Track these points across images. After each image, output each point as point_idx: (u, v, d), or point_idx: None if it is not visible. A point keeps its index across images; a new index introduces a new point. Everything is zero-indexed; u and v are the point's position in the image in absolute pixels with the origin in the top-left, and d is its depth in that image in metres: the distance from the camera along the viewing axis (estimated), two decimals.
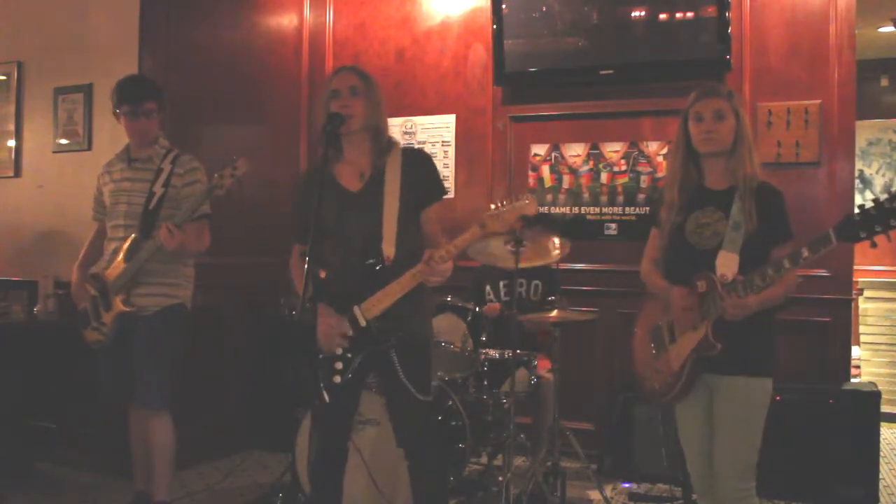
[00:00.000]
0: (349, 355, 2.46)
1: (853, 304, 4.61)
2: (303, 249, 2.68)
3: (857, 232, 2.03)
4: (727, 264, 2.34)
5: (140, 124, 3.26)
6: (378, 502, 3.14)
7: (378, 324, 2.44)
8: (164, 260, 3.20)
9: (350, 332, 2.45)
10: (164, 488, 3.27)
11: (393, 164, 2.56)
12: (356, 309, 2.45)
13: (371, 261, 2.46)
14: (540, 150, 4.83)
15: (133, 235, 3.18)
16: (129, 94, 3.25)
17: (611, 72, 4.53)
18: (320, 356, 2.47)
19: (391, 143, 2.62)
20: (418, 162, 2.63)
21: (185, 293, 3.33)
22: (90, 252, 3.41)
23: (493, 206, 2.35)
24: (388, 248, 2.47)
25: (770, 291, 2.28)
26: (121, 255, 3.18)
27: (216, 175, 3.03)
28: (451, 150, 5.01)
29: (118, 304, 3.16)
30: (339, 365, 2.47)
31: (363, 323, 2.45)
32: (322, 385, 2.43)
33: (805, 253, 2.16)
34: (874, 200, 2.01)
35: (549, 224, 4.56)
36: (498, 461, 3.70)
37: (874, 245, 2.06)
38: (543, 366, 3.82)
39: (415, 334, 2.55)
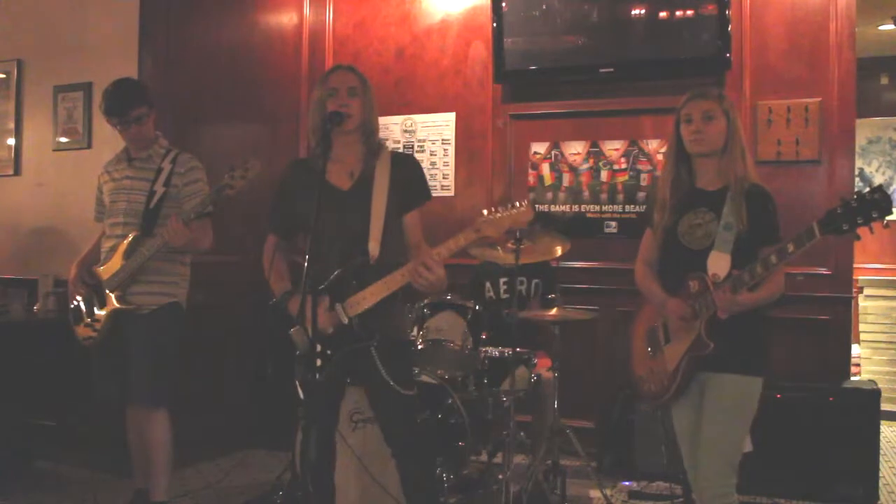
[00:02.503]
0: (328, 352, 2.45)
1: (853, 303, 4.60)
2: (277, 239, 2.70)
3: (839, 224, 2.06)
4: (719, 264, 2.37)
5: (132, 132, 3.25)
6: (380, 500, 3.14)
7: (360, 322, 2.44)
8: (161, 258, 3.20)
9: (328, 332, 2.44)
10: (163, 487, 3.27)
11: (382, 165, 2.59)
12: (338, 306, 2.45)
13: (356, 259, 2.46)
14: (540, 148, 4.83)
15: (133, 234, 3.18)
16: (115, 107, 3.23)
17: (611, 70, 4.53)
18: (298, 353, 2.46)
19: (380, 145, 2.65)
20: (407, 165, 2.67)
21: (181, 291, 3.33)
22: (93, 252, 3.40)
23: (485, 212, 2.34)
24: (374, 248, 2.48)
25: (760, 293, 2.31)
26: (119, 253, 3.18)
27: (227, 175, 3.01)
28: (451, 149, 5.01)
29: (113, 301, 3.16)
30: (318, 362, 2.45)
31: (345, 320, 2.44)
32: (298, 382, 2.42)
33: (790, 248, 2.18)
34: (857, 193, 2.05)
35: (549, 223, 4.58)
36: (498, 459, 3.69)
37: (857, 238, 2.11)
38: (543, 364, 3.82)
39: (394, 333, 2.57)
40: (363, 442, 3.11)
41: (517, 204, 2.34)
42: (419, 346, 3.50)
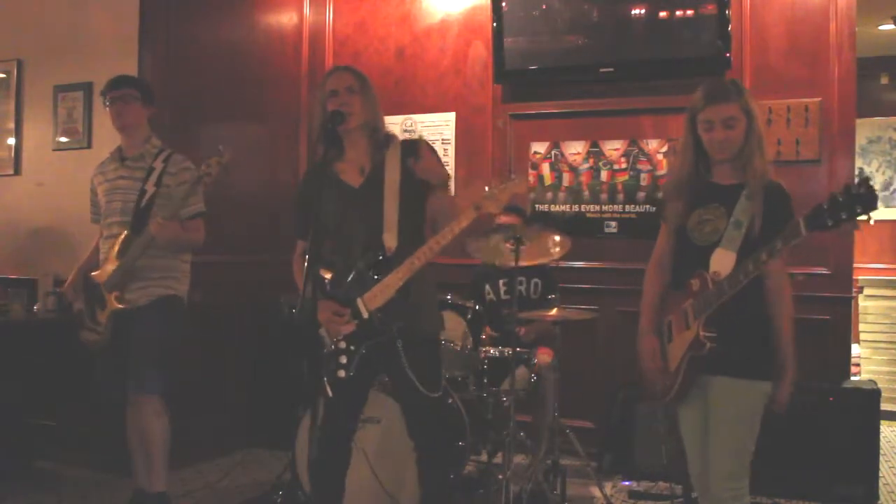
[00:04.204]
0: (352, 348, 2.47)
1: (853, 302, 4.60)
2: (305, 245, 2.69)
3: (824, 220, 1.99)
4: (722, 262, 2.30)
5: (116, 108, 3.29)
6: (381, 500, 3.15)
7: (380, 315, 2.45)
8: (159, 256, 3.21)
9: (353, 323, 2.46)
10: (162, 478, 3.28)
11: (392, 157, 2.59)
12: (359, 301, 2.46)
13: (373, 253, 2.47)
14: (540, 147, 4.83)
15: (125, 233, 3.19)
16: (109, 84, 3.32)
17: (611, 70, 4.53)
18: (325, 351, 2.48)
19: (389, 137, 2.65)
20: (416, 150, 2.64)
21: (182, 287, 3.35)
22: (93, 256, 3.40)
23: (486, 189, 2.39)
24: (390, 240, 2.49)
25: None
26: (114, 253, 3.19)
27: (203, 164, 3.05)
28: (451, 149, 5.01)
29: (112, 302, 3.17)
30: (344, 359, 2.47)
31: (366, 315, 2.46)
32: (326, 380, 2.44)
33: (778, 245, 2.12)
34: (845, 185, 1.97)
35: (549, 222, 4.58)
36: (498, 459, 3.69)
37: (854, 227, 2.05)
38: (545, 354, 3.78)
39: (420, 327, 2.55)
40: (364, 441, 3.12)
41: (511, 176, 2.44)
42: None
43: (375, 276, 2.46)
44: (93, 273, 3.27)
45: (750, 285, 2.24)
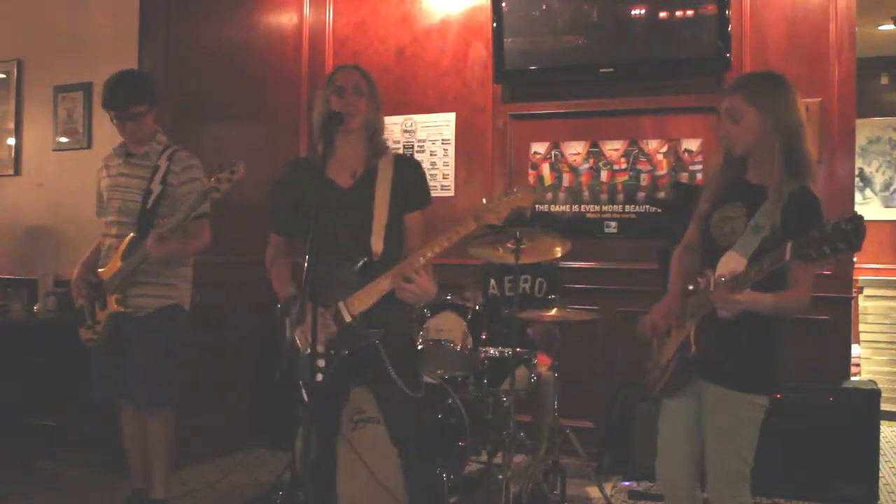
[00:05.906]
0: (332, 352, 2.43)
1: (853, 303, 4.60)
2: (280, 239, 2.69)
3: (809, 252, 1.88)
4: (729, 266, 2.18)
5: (127, 127, 3.21)
6: (381, 500, 3.14)
7: (362, 320, 2.43)
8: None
9: (331, 331, 2.43)
10: (163, 486, 3.28)
11: (385, 165, 2.59)
12: (341, 304, 2.43)
13: (359, 256, 2.46)
14: (540, 148, 4.83)
15: (131, 234, 3.16)
16: (112, 99, 3.19)
17: (611, 70, 4.52)
18: (301, 355, 2.46)
19: (384, 145, 2.65)
20: (410, 167, 2.67)
21: (182, 294, 3.31)
22: (96, 252, 3.37)
23: (484, 201, 2.39)
24: (377, 244, 2.48)
25: (771, 298, 2.13)
26: (118, 253, 3.16)
27: (213, 178, 2.98)
28: (451, 149, 5.01)
29: (113, 304, 3.15)
30: (322, 363, 2.45)
31: (348, 319, 2.43)
32: (303, 384, 2.42)
33: (765, 265, 2.02)
34: (838, 218, 1.85)
35: (549, 223, 4.58)
36: (498, 459, 3.69)
37: (820, 267, 1.95)
38: (543, 362, 3.80)
39: (400, 332, 2.55)
40: (364, 441, 3.11)
41: (514, 189, 2.40)
42: (419, 347, 3.50)
43: (360, 281, 2.44)
44: (99, 269, 3.23)
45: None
